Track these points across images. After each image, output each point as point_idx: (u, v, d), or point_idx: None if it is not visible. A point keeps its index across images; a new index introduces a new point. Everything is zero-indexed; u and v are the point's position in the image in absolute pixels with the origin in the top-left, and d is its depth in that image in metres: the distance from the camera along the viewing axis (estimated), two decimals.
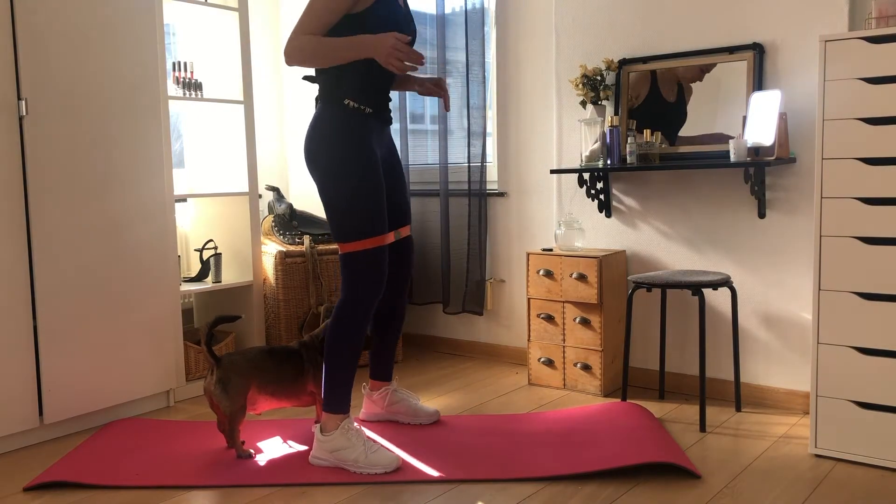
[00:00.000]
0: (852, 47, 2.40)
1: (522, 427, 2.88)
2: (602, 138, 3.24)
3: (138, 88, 3.09)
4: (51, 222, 2.83)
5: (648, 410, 2.97)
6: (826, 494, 2.27)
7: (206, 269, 3.60)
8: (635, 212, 3.37)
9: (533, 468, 2.49)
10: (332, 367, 2.55)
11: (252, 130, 3.63)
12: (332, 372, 2.55)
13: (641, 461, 2.44)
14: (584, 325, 3.29)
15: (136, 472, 2.53)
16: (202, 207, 3.79)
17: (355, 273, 2.53)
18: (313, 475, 2.49)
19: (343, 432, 2.52)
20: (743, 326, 3.13)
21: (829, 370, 2.51)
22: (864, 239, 2.43)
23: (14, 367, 2.77)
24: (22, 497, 2.40)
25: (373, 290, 2.54)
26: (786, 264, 3.01)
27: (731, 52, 3.04)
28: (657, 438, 2.64)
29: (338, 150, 2.51)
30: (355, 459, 2.49)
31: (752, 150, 2.86)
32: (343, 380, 2.55)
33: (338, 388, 2.55)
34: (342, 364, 2.55)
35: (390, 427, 2.91)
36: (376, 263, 2.53)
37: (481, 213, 3.79)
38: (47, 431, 2.91)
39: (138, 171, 3.10)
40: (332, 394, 2.55)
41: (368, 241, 2.51)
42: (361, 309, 2.54)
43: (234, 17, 3.57)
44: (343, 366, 2.55)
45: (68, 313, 2.89)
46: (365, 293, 2.53)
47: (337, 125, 2.53)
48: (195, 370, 3.46)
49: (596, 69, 3.27)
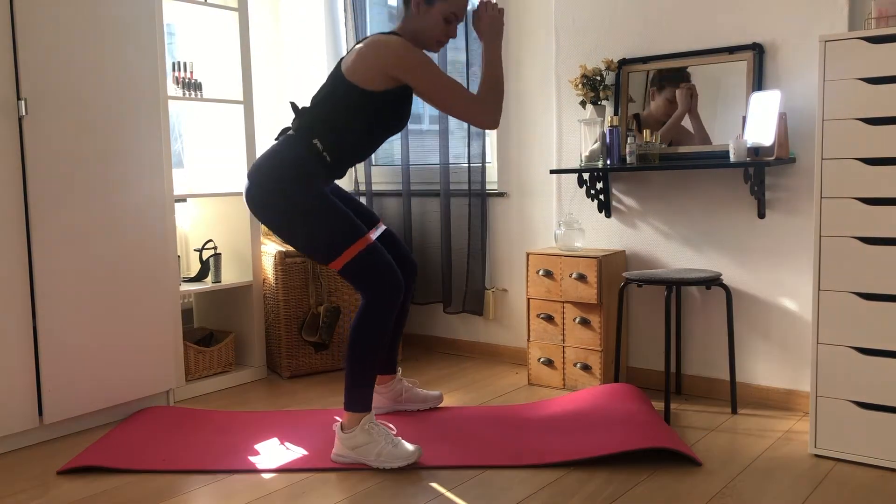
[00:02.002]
0: (852, 47, 2.40)
1: (528, 414, 2.96)
2: (602, 138, 3.24)
3: (138, 88, 3.09)
4: (51, 222, 2.83)
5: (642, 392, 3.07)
6: (826, 494, 2.28)
7: (206, 269, 3.60)
8: (635, 212, 3.37)
9: (546, 455, 2.56)
10: (357, 367, 2.54)
11: (252, 130, 3.63)
12: (356, 372, 2.54)
13: (648, 445, 2.50)
14: (583, 325, 3.29)
15: (164, 458, 2.64)
16: (202, 207, 3.79)
17: (364, 274, 2.52)
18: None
19: (364, 429, 2.53)
20: (743, 326, 3.13)
21: (829, 370, 2.51)
22: (863, 239, 2.43)
23: (14, 367, 2.77)
24: (30, 493, 2.41)
25: (390, 281, 2.52)
26: (785, 264, 3.01)
27: (731, 52, 3.04)
28: (657, 423, 2.71)
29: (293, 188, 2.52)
30: (378, 453, 2.51)
31: (752, 150, 2.86)
32: (367, 380, 2.56)
33: (362, 389, 2.55)
34: (368, 365, 2.55)
35: (399, 420, 2.93)
36: (377, 256, 2.53)
37: (482, 213, 3.79)
38: (47, 431, 2.90)
39: (138, 171, 3.10)
40: (356, 393, 2.55)
41: (357, 244, 2.51)
42: (387, 305, 2.51)
43: (234, 17, 3.57)
44: (369, 366, 2.55)
45: (68, 313, 2.89)
46: (384, 286, 2.51)
47: (289, 165, 2.53)
48: (195, 370, 3.46)
49: (596, 69, 3.27)
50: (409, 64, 2.50)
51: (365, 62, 2.52)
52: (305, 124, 2.59)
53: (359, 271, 2.52)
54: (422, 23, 2.61)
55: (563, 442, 2.65)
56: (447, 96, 2.53)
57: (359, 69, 2.53)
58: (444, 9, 2.59)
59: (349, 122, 2.57)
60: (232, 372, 3.60)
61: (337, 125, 2.57)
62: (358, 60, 2.53)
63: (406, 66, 2.50)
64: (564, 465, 2.51)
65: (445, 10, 2.59)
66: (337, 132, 2.57)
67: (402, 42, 2.53)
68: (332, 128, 2.57)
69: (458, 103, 2.54)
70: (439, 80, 2.53)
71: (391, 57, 2.50)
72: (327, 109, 2.58)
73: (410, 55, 2.51)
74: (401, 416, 3.00)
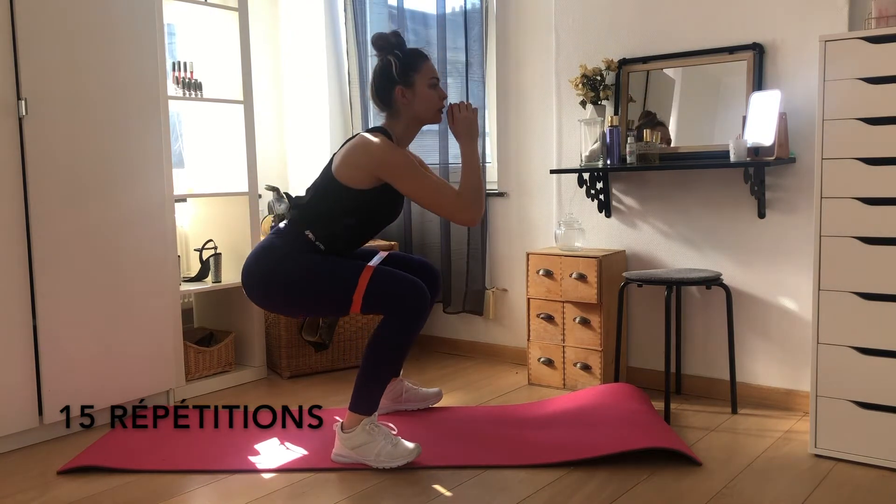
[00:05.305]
0: (852, 47, 2.40)
1: (528, 414, 2.96)
2: (602, 138, 3.24)
3: (138, 88, 3.09)
4: (51, 222, 2.83)
5: (642, 392, 3.07)
6: (826, 494, 2.28)
7: (206, 268, 3.60)
8: (635, 212, 3.37)
9: (547, 454, 2.57)
10: (373, 370, 2.54)
11: (252, 130, 3.63)
12: (370, 375, 2.55)
13: (648, 445, 2.50)
14: (583, 325, 3.29)
15: (164, 458, 2.64)
16: (202, 207, 3.79)
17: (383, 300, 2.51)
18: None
19: (365, 429, 2.53)
20: (743, 326, 3.13)
21: (829, 370, 2.51)
22: (863, 239, 2.43)
23: (14, 367, 2.77)
24: (30, 493, 2.41)
25: (410, 293, 2.50)
26: (785, 264, 3.01)
27: (731, 52, 3.04)
28: (657, 423, 2.72)
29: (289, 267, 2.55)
30: (377, 453, 2.51)
31: (752, 150, 2.86)
32: (380, 384, 2.56)
33: (372, 392, 2.55)
34: (385, 369, 2.55)
35: (399, 420, 2.93)
36: (387, 277, 2.52)
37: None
38: (47, 431, 2.90)
39: (138, 171, 3.10)
40: (366, 395, 2.55)
41: (362, 280, 2.51)
42: (414, 314, 2.51)
43: (234, 17, 3.57)
44: (385, 370, 2.56)
45: (68, 313, 2.89)
46: (406, 301, 2.50)
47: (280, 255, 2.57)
48: (195, 370, 3.46)
49: (596, 69, 3.27)
50: (392, 168, 2.55)
51: (350, 163, 2.58)
52: (297, 217, 2.65)
53: (378, 299, 2.52)
54: (416, 106, 2.66)
55: (564, 442, 2.65)
56: (431, 197, 2.58)
57: (345, 170, 2.59)
58: (422, 79, 2.66)
59: (339, 218, 2.62)
60: (232, 372, 3.60)
61: (328, 220, 2.62)
62: (344, 161, 2.60)
63: (390, 170, 2.56)
64: (564, 465, 2.51)
65: (425, 79, 2.66)
66: (328, 226, 2.62)
67: (386, 145, 2.58)
68: (323, 222, 2.62)
69: (443, 203, 2.59)
70: (422, 182, 2.58)
71: (375, 160, 2.55)
72: (318, 204, 2.64)
73: (394, 159, 2.56)
74: (401, 415, 3.00)
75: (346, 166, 2.59)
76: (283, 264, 2.56)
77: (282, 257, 2.57)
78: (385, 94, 2.66)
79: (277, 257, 2.58)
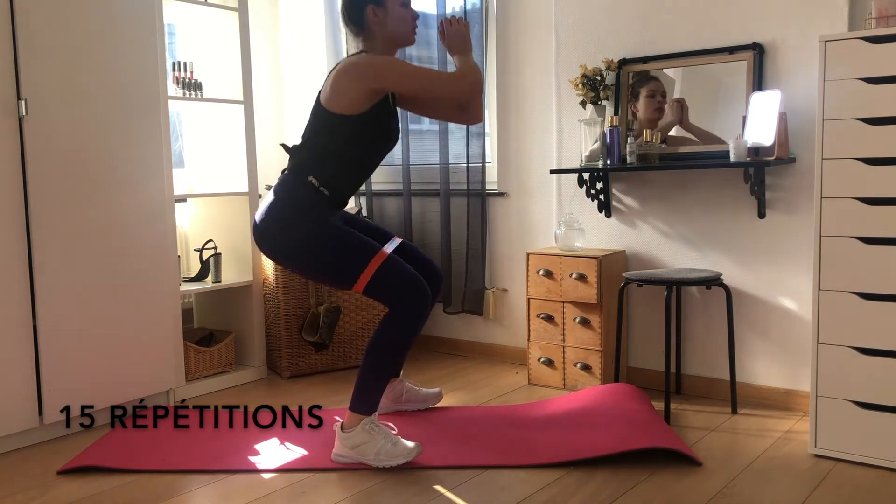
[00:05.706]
0: (852, 47, 2.40)
1: (528, 414, 2.96)
2: (602, 138, 3.24)
3: (138, 88, 3.09)
4: (51, 222, 2.83)
5: (642, 392, 3.07)
6: (826, 494, 2.28)
7: (206, 269, 3.60)
8: (635, 212, 3.37)
9: (547, 454, 2.57)
10: (373, 370, 2.54)
11: (252, 130, 3.63)
12: (371, 375, 2.55)
13: (648, 445, 2.50)
14: (583, 325, 3.29)
15: (164, 458, 2.64)
16: (202, 207, 3.79)
17: (387, 289, 2.52)
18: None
19: (365, 429, 2.53)
20: (743, 326, 3.13)
21: (828, 370, 2.51)
22: (863, 239, 2.43)
23: (14, 367, 2.77)
24: (30, 493, 2.41)
25: (415, 291, 2.51)
26: (786, 264, 3.01)
27: (731, 53, 3.04)
28: (657, 423, 2.72)
29: (302, 228, 2.54)
30: (377, 452, 2.51)
31: (752, 150, 2.86)
32: (380, 384, 2.57)
33: (373, 392, 2.55)
34: (385, 370, 2.55)
35: (400, 420, 2.93)
36: (397, 269, 2.52)
37: (482, 213, 3.79)
38: (47, 431, 2.90)
39: (138, 171, 3.10)
40: (366, 395, 2.55)
41: (373, 262, 2.51)
42: (414, 314, 2.51)
43: (234, 17, 3.57)
44: (385, 371, 2.56)
45: (68, 313, 2.89)
46: (409, 298, 2.50)
47: (289, 206, 2.56)
48: (195, 370, 3.46)
49: (596, 69, 3.27)
50: (383, 69, 2.55)
51: (340, 87, 2.56)
52: (297, 163, 2.62)
53: (382, 288, 2.52)
54: (388, 25, 2.64)
55: (564, 442, 2.65)
56: (427, 78, 2.58)
57: (336, 96, 2.56)
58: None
59: (339, 151, 2.60)
60: (232, 372, 3.60)
61: (328, 158, 2.60)
62: (333, 88, 2.57)
63: (382, 71, 2.55)
64: (564, 465, 2.51)
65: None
66: (329, 165, 2.60)
67: (369, 55, 2.59)
68: (324, 161, 2.60)
69: (442, 79, 2.58)
70: (417, 70, 2.59)
71: (366, 71, 2.54)
72: (316, 144, 2.62)
73: (381, 60, 2.57)
74: (401, 415, 3.00)
75: (337, 94, 2.56)
76: (297, 225, 2.54)
77: (296, 217, 2.55)
78: (356, 14, 2.63)
79: (291, 217, 2.55)
